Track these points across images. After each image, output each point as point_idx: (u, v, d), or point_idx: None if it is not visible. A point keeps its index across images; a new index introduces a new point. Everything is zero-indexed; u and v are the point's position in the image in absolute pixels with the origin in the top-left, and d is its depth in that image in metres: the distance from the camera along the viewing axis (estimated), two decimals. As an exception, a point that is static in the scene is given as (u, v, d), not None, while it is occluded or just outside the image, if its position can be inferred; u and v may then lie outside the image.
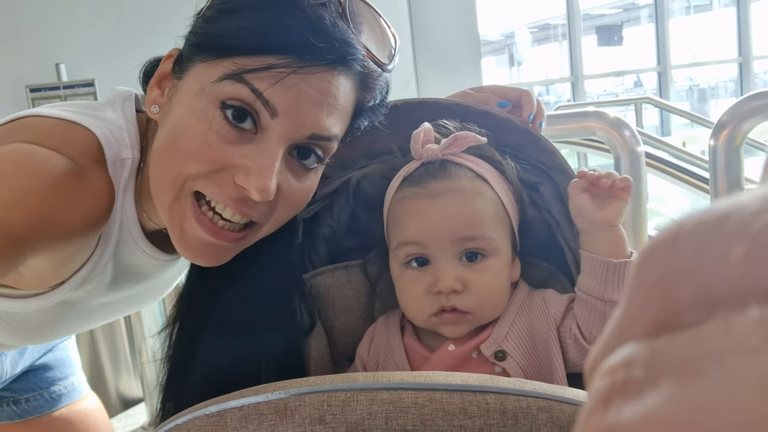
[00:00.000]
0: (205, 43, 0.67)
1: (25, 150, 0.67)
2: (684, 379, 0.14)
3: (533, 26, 10.51)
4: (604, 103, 6.42)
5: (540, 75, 11.08)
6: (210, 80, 0.65)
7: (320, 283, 0.85)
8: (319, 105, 0.66)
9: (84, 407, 1.18)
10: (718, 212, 0.15)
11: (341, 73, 0.67)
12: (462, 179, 0.76)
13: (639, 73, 9.28)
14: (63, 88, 3.60)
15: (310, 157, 0.70)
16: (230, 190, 0.66)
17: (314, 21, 0.64)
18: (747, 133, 1.39)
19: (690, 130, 6.64)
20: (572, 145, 2.41)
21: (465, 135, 0.77)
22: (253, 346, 0.76)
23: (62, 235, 0.67)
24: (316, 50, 0.63)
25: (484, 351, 0.73)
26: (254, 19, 0.65)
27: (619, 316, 0.17)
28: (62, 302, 0.78)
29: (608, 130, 1.39)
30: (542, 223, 0.82)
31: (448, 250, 0.74)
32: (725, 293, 0.14)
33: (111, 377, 2.75)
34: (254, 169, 0.65)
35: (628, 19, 10.19)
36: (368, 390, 0.50)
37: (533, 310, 0.76)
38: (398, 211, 0.78)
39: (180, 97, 0.69)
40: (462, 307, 0.73)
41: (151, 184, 0.71)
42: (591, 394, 0.16)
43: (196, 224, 0.68)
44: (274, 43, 0.64)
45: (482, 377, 0.52)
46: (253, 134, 0.66)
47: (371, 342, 0.80)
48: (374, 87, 0.72)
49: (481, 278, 0.74)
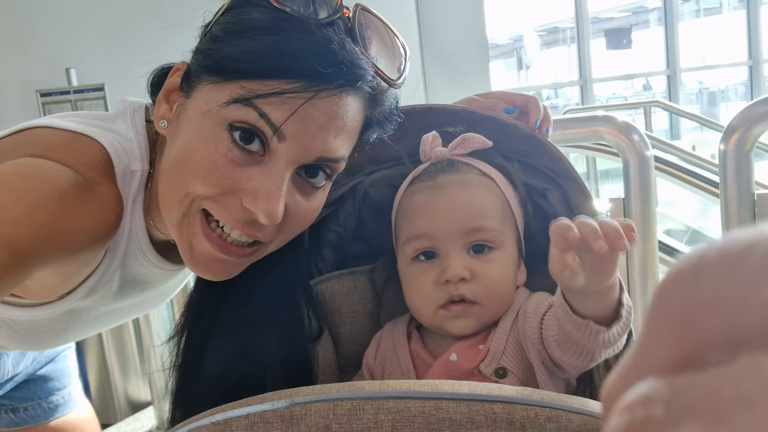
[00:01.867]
0: (213, 66, 0.67)
1: (34, 164, 0.67)
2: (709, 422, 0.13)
3: (542, 29, 10.50)
4: (613, 106, 6.41)
5: (549, 78, 11.05)
6: (217, 103, 0.65)
7: (327, 290, 0.85)
8: (326, 128, 0.66)
9: (78, 417, 1.20)
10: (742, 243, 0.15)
11: (350, 95, 0.66)
12: (470, 174, 0.78)
13: (648, 77, 9.24)
14: (73, 92, 3.62)
15: (318, 176, 0.70)
16: (238, 214, 0.67)
17: (322, 44, 0.63)
18: (758, 137, 1.38)
19: (700, 134, 6.61)
20: (581, 150, 2.40)
21: (472, 136, 0.79)
22: (261, 353, 0.76)
23: (70, 249, 0.67)
24: (324, 75, 0.63)
25: (484, 370, 0.72)
26: (261, 42, 0.64)
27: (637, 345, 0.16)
28: (69, 311, 0.79)
29: (617, 134, 1.38)
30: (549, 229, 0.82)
31: (456, 242, 0.75)
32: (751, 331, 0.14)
33: (119, 381, 2.76)
34: (262, 193, 0.65)
35: (637, 22, 10.16)
36: (374, 399, 0.49)
37: (520, 320, 0.75)
38: (407, 206, 0.79)
39: (188, 116, 0.69)
40: (470, 296, 0.73)
41: (160, 200, 0.72)
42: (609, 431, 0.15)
43: (205, 241, 0.69)
44: (281, 69, 0.63)
45: (489, 386, 0.52)
46: (260, 156, 0.66)
47: (378, 348, 0.80)
48: (383, 102, 0.72)
49: (488, 268, 0.75)
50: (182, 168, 0.67)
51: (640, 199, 1.39)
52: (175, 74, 0.73)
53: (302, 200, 0.70)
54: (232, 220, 0.67)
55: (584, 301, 0.64)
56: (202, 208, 0.68)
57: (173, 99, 0.72)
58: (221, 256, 0.69)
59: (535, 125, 0.83)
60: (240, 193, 0.66)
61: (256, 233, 0.68)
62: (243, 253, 0.70)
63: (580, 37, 6.94)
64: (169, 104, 0.72)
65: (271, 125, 0.64)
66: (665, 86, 7.74)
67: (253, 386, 0.70)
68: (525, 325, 0.73)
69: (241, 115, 0.64)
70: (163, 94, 0.73)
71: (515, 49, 10.32)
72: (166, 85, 0.73)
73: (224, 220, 0.68)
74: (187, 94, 0.70)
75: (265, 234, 0.69)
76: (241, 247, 0.70)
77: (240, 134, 0.65)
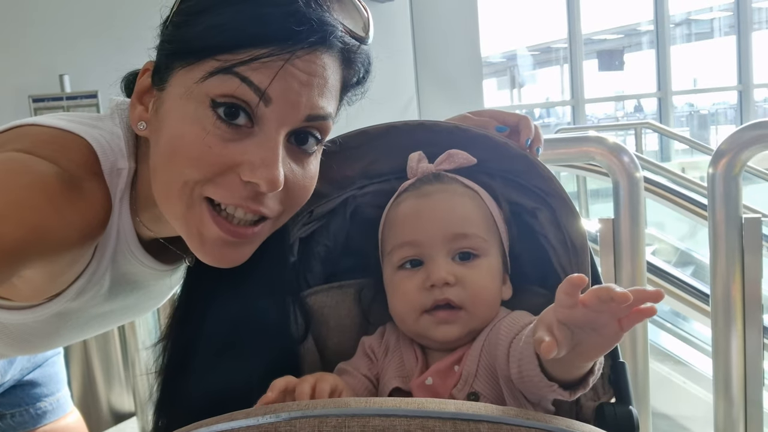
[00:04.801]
0: (183, 49, 0.66)
1: (19, 160, 0.67)
2: None
3: (535, 49, 10.59)
4: (605, 127, 6.46)
5: (541, 97, 11.14)
6: (194, 81, 0.65)
7: (315, 302, 0.84)
8: (309, 85, 0.66)
9: (66, 425, 1.18)
10: None
11: (324, 53, 0.66)
12: (454, 185, 0.80)
13: (640, 98, 9.33)
14: (66, 98, 3.61)
15: (309, 141, 0.69)
16: (239, 191, 0.66)
17: (287, 5, 0.63)
18: (746, 162, 1.39)
19: (690, 157, 6.67)
20: (572, 169, 2.41)
21: (457, 152, 0.81)
22: (247, 361, 0.75)
23: (57, 247, 0.66)
24: (295, 35, 0.63)
25: (457, 395, 0.72)
26: (226, 15, 0.64)
27: None
28: (58, 313, 0.78)
29: (607, 155, 1.39)
30: (538, 249, 0.82)
31: (441, 248, 0.75)
32: None
33: (103, 390, 2.73)
34: (258, 162, 0.65)
35: (629, 44, 10.27)
36: (360, 416, 0.49)
37: (491, 341, 0.73)
38: (393, 217, 0.81)
39: (167, 106, 0.68)
40: (456, 300, 0.74)
41: (157, 198, 0.71)
42: None
43: (215, 227, 0.68)
44: (252, 36, 0.63)
45: (475, 405, 0.51)
46: (249, 128, 0.65)
47: (382, 337, 0.81)
48: (356, 61, 0.72)
49: (473, 274, 0.75)
50: (174, 157, 0.67)
51: (630, 219, 1.39)
52: (143, 75, 0.72)
53: (298, 168, 0.69)
54: (235, 198, 0.67)
55: (556, 366, 0.61)
56: (205, 196, 0.68)
57: (146, 99, 0.72)
58: (231, 239, 0.69)
59: (526, 144, 0.83)
60: (237, 168, 0.65)
61: (260, 208, 0.68)
62: (250, 232, 0.69)
63: (572, 58, 7.02)
64: (144, 105, 0.72)
65: (255, 89, 0.63)
66: (656, 108, 7.82)
67: (239, 395, 0.69)
68: (496, 346, 0.72)
69: (223, 86, 0.64)
70: (135, 97, 0.72)
71: (509, 67, 10.41)
72: (137, 88, 0.72)
73: (227, 200, 0.67)
74: (161, 87, 0.69)
75: (269, 207, 0.69)
76: (248, 226, 0.69)
77: (224, 110, 0.64)
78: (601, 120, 9.48)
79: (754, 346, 1.40)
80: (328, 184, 0.85)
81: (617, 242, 1.40)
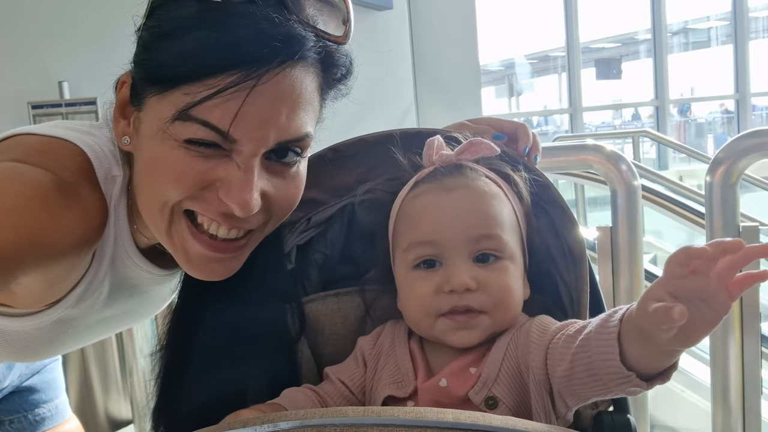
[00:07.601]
0: (152, 77, 0.66)
1: (14, 169, 0.67)
2: None
3: (533, 57, 10.63)
4: (603, 135, 6.47)
5: (539, 105, 11.17)
6: (164, 120, 0.64)
7: (311, 311, 0.84)
8: (276, 113, 0.64)
9: (65, 431, 1.17)
10: None
11: (294, 68, 0.64)
12: (478, 180, 0.74)
13: (637, 107, 9.36)
14: (65, 105, 3.61)
15: (288, 155, 0.68)
16: (217, 206, 0.66)
17: (250, 26, 0.61)
18: (743, 170, 1.39)
19: (687, 165, 6.68)
20: (570, 177, 2.42)
21: (480, 141, 0.76)
22: (244, 368, 0.75)
23: (54, 253, 0.66)
24: (261, 57, 0.61)
25: (473, 398, 0.68)
26: (189, 41, 0.63)
27: None
28: (59, 320, 0.78)
29: (605, 163, 1.40)
30: (537, 256, 0.82)
31: (461, 250, 0.70)
32: None
33: (100, 397, 2.71)
34: (234, 183, 0.65)
35: (627, 53, 10.32)
36: (358, 425, 0.49)
37: (520, 344, 0.70)
38: (410, 210, 0.75)
39: (144, 132, 0.68)
40: (477, 306, 0.69)
41: (143, 213, 0.72)
42: None
43: (196, 243, 0.68)
44: (214, 65, 0.61)
45: (474, 415, 0.51)
46: (226, 152, 0.65)
47: (377, 338, 0.78)
48: (336, 62, 0.70)
49: (496, 277, 0.70)
50: (154, 179, 0.67)
51: (627, 227, 1.40)
52: (123, 88, 0.72)
53: (280, 182, 0.69)
54: (212, 212, 0.67)
55: (646, 354, 0.57)
56: (185, 210, 0.68)
57: (128, 112, 0.71)
58: (216, 255, 0.69)
59: (524, 152, 0.83)
60: (217, 183, 0.65)
61: (240, 224, 0.68)
62: (236, 246, 0.70)
63: (570, 66, 7.04)
64: (126, 119, 0.72)
65: (217, 131, 0.63)
66: (653, 116, 7.84)
67: (235, 403, 0.69)
68: (528, 350, 0.68)
69: (187, 131, 0.64)
70: (117, 111, 0.72)
71: (507, 75, 10.44)
72: (118, 101, 0.72)
73: (206, 213, 0.67)
74: (138, 107, 0.69)
75: (250, 222, 0.69)
76: (233, 241, 0.69)
77: (198, 146, 0.64)
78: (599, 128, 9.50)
79: (752, 354, 1.40)
80: (326, 191, 0.85)
81: (615, 250, 1.41)
